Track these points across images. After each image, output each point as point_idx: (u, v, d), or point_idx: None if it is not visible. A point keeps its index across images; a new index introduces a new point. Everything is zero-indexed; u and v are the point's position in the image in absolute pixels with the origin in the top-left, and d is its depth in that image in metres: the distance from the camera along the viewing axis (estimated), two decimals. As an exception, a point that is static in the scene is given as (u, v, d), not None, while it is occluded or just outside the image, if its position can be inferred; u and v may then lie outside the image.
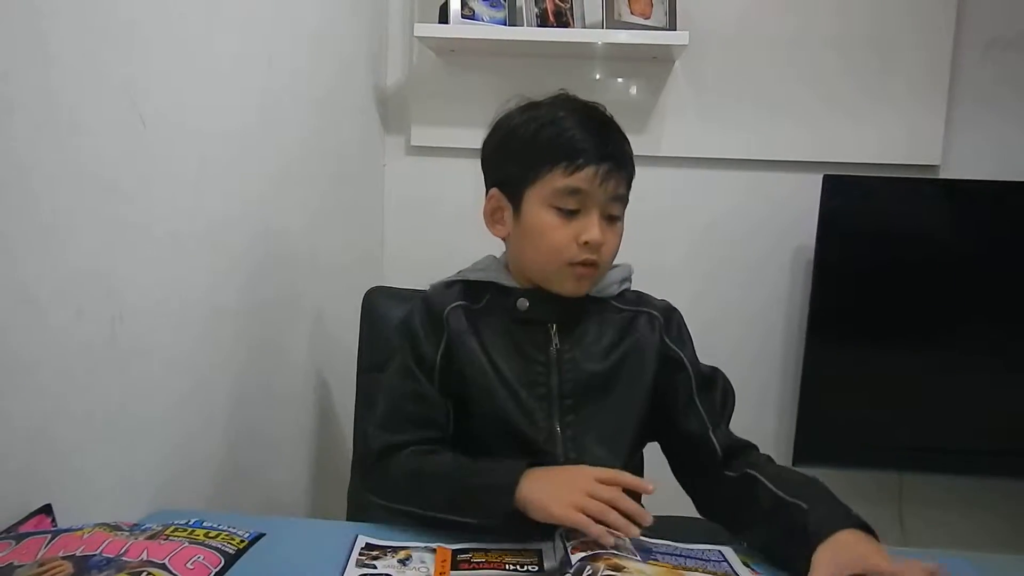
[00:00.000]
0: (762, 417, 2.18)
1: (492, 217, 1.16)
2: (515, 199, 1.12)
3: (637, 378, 1.13)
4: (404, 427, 1.10)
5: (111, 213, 0.99)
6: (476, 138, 1.21)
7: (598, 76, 2.16)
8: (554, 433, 1.09)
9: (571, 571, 0.87)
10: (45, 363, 0.89)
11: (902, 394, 2.01)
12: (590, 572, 0.86)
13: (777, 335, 2.19)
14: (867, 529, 0.92)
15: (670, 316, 1.19)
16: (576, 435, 1.10)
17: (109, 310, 0.99)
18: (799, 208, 2.02)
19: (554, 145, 1.08)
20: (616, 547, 0.90)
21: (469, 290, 1.16)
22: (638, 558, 0.91)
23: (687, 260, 2.20)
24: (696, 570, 0.92)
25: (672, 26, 1.99)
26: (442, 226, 2.16)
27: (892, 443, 2.00)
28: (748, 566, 0.96)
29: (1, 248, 0.82)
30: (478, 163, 1.20)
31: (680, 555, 0.96)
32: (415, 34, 2.02)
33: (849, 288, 2.01)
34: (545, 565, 0.94)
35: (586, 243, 1.07)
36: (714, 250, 2.19)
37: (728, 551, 0.99)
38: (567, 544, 0.93)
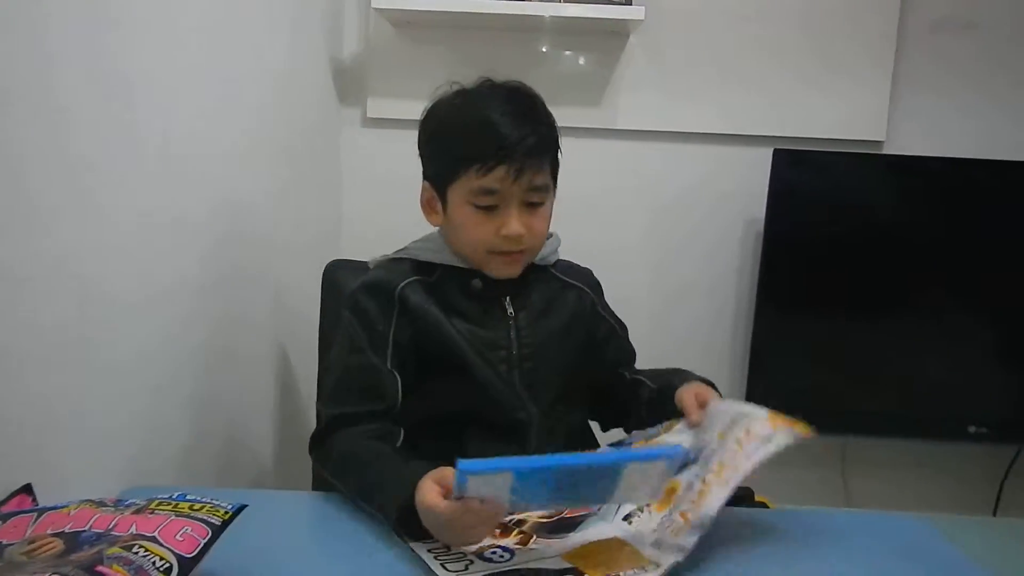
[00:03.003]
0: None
1: (428, 206, 1.23)
2: (441, 195, 1.18)
3: (581, 341, 1.26)
4: (352, 399, 1.13)
5: (75, 195, 0.99)
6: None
7: (545, 49, 2.17)
8: (520, 395, 1.17)
9: None
10: (15, 345, 0.89)
11: (846, 361, 2.10)
12: None
13: (729, 306, 2.26)
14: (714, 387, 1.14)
15: (598, 288, 1.34)
16: (537, 396, 1.18)
17: (76, 291, 0.99)
18: (751, 181, 2.08)
19: (467, 147, 1.12)
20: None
21: (419, 266, 1.21)
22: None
23: (641, 232, 2.24)
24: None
25: (628, 0, 2.01)
26: (399, 198, 2.11)
27: (836, 408, 2.08)
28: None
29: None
30: None
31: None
32: (372, 5, 2.01)
33: (797, 260, 2.08)
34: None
35: (506, 236, 1.13)
36: (667, 222, 2.23)
37: None
38: None
